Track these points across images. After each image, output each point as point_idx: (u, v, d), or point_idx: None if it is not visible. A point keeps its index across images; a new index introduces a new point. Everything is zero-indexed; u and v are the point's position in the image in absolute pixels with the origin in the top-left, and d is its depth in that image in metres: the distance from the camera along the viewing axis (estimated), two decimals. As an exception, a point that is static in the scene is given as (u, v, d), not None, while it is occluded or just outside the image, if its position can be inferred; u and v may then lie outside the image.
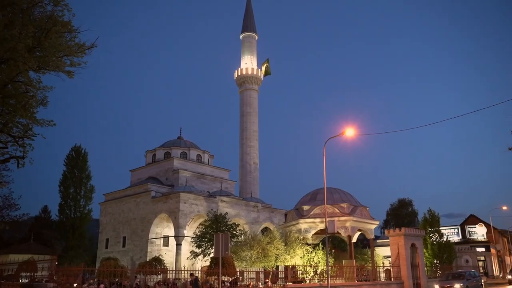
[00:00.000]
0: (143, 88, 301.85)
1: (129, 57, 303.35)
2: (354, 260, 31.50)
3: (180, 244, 39.85)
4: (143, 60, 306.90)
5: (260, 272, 30.25)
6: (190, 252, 36.07)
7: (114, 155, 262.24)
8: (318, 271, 27.45)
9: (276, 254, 28.46)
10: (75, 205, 48.74)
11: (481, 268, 56.11)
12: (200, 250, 35.08)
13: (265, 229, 47.10)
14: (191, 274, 22.59)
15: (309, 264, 27.96)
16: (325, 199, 24.53)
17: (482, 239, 59.05)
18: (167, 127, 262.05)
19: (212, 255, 31.45)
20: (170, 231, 42.74)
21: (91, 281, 23.02)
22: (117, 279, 22.59)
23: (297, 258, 28.75)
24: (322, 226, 29.96)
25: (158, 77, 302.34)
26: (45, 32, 15.98)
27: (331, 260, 29.90)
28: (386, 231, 33.39)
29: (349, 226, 31.94)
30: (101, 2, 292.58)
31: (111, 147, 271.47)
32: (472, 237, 59.77)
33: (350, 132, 22.59)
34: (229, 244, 32.06)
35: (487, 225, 59.51)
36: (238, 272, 27.92)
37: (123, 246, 45.13)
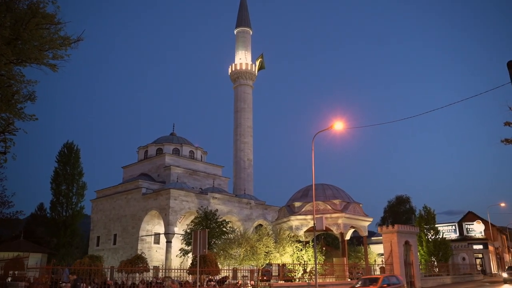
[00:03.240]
0: (136, 84, 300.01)
1: (122, 53, 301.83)
2: (346, 258, 30.81)
3: (170, 242, 39.15)
4: (136, 56, 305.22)
5: (255, 271, 29.57)
6: (180, 250, 35.37)
7: (107, 152, 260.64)
8: (308, 270, 26.73)
9: (265, 252, 27.74)
10: (67, 202, 47.94)
11: (478, 266, 55.40)
12: (190, 247, 34.36)
13: (259, 226, 46.38)
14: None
15: (298, 262, 27.26)
16: (314, 194, 23.80)
17: (480, 236, 58.26)
18: (160, 123, 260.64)
19: None
20: (161, 228, 42.04)
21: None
22: (105, 278, 21.92)
23: (287, 256, 28.03)
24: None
25: (151, 73, 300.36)
26: (24, 23, 15.32)
27: (322, 258, 29.20)
28: (379, 228, 32.66)
29: (341, 223, 31.23)
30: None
31: (104, 144, 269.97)
32: (469, 234, 58.95)
33: (338, 125, 21.84)
34: (218, 242, 31.59)
35: (485, 222, 58.73)
36: (226, 270, 27.22)
37: (114, 243, 44.47)
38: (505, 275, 39.63)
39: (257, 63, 57.89)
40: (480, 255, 56.87)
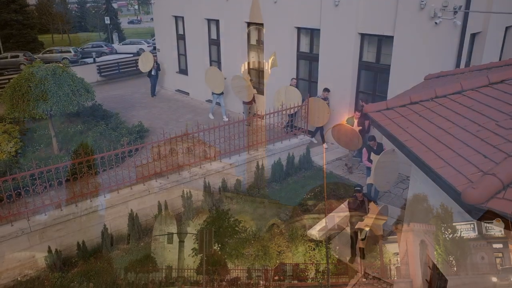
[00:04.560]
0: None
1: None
2: (360, 258, 30.39)
3: (184, 242, 39.25)
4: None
5: (269, 271, 29.37)
6: (192, 250, 35.38)
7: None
8: (321, 269, 26.38)
9: (277, 251, 27.48)
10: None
11: (498, 265, 54.17)
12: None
13: (273, 226, 46.11)
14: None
15: (310, 262, 26.93)
16: (325, 192, 23.39)
17: (500, 235, 57.00)
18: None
19: None
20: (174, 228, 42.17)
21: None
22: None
23: (299, 255, 27.74)
24: (326, 222, 28.93)
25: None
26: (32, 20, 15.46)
27: (335, 257, 28.80)
28: (394, 227, 32.08)
29: (355, 222, 30.83)
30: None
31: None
32: (489, 233, 57.73)
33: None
34: (231, 241, 31.37)
35: (505, 220, 57.47)
36: (238, 270, 27.04)
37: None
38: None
39: (269, 61, 57.62)
40: (500, 254, 55.65)
